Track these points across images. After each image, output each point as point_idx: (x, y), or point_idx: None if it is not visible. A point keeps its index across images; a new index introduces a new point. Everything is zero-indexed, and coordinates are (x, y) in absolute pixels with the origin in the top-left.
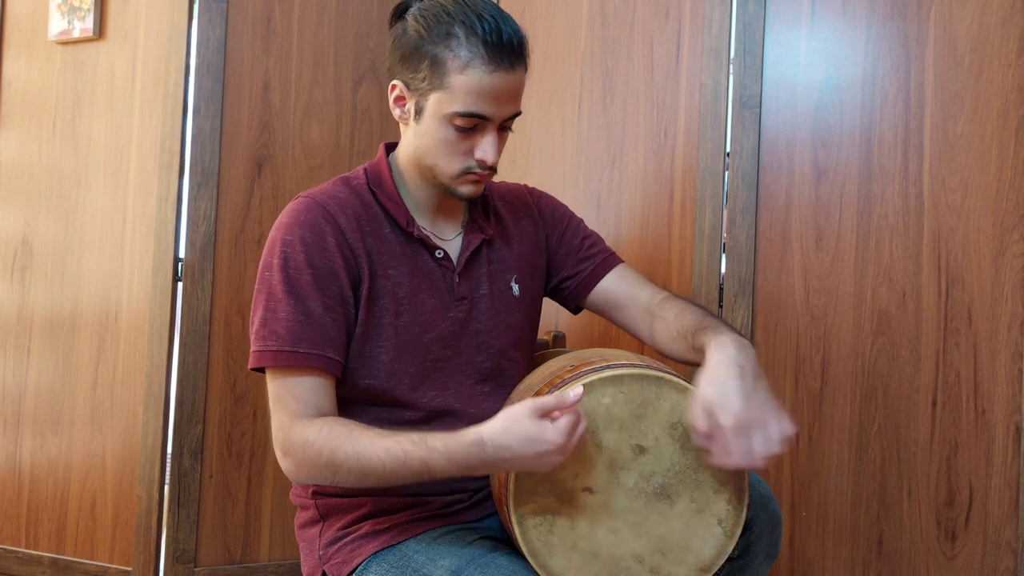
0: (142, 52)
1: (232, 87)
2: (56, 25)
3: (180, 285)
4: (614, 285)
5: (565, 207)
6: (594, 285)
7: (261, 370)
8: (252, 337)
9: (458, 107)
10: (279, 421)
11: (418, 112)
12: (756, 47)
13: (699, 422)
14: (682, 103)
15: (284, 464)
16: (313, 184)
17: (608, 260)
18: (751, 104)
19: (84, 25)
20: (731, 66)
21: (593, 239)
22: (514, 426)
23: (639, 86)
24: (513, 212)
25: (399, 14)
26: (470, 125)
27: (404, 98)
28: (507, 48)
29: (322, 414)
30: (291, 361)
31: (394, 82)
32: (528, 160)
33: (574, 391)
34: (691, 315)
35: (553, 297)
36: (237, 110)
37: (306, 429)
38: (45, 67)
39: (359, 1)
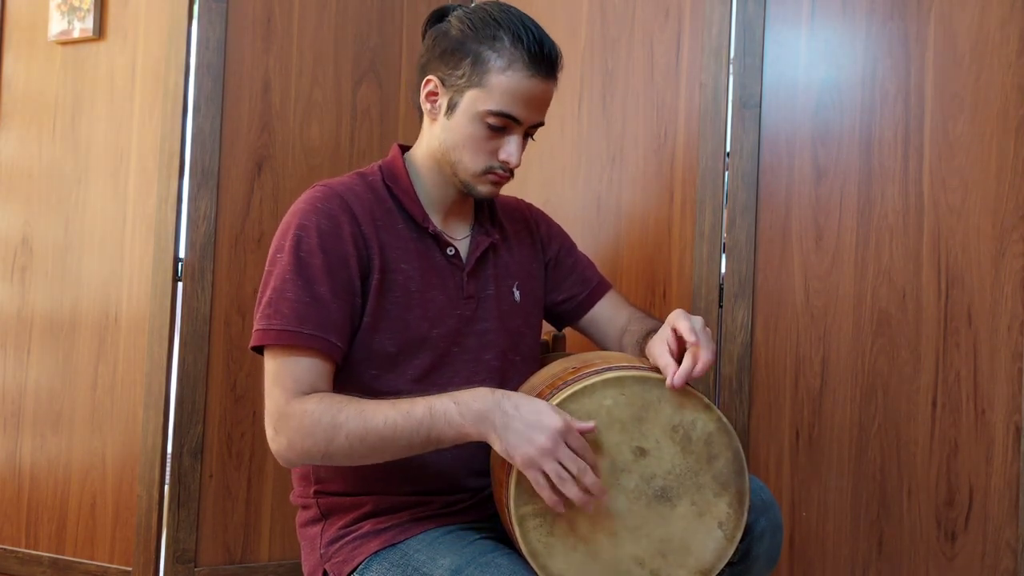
0: (142, 52)
1: (232, 87)
2: (56, 25)
3: (180, 285)
4: (602, 310)
5: (559, 226)
6: (588, 310)
7: (260, 351)
8: (257, 316)
9: (493, 106)
10: (274, 399)
11: (451, 108)
12: (756, 47)
13: (686, 331)
14: (682, 103)
15: (276, 444)
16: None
17: (600, 285)
18: (751, 104)
19: (84, 25)
20: (731, 66)
21: (586, 263)
22: (532, 398)
23: (639, 86)
24: (513, 223)
25: (438, 17)
26: (501, 125)
27: (437, 93)
28: (547, 59)
29: None
30: (294, 341)
31: (429, 77)
32: (528, 160)
33: (587, 424)
34: (647, 323)
35: (545, 314)
36: (237, 110)
37: (304, 402)
38: (45, 67)
39: (359, 1)
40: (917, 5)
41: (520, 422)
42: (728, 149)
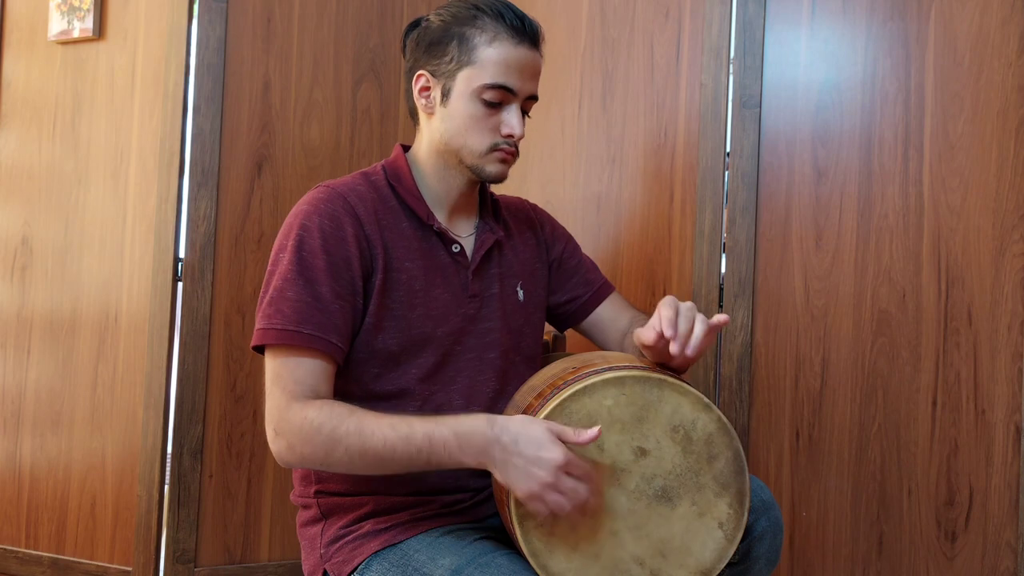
0: (142, 52)
1: (232, 87)
2: (56, 25)
3: (180, 285)
4: (605, 312)
5: (563, 227)
6: (591, 312)
7: (261, 350)
8: (258, 316)
9: (487, 79)
10: (275, 401)
11: (445, 95)
12: (756, 47)
13: (665, 324)
14: (682, 103)
15: (276, 445)
16: (313, 184)
17: (604, 288)
18: (751, 104)
19: (84, 25)
20: (731, 66)
21: (589, 265)
22: (529, 425)
23: (639, 86)
24: (517, 222)
25: (413, 27)
26: (497, 99)
27: (429, 87)
28: (529, 30)
29: (319, 398)
30: (295, 341)
31: (419, 72)
32: (528, 160)
33: (591, 431)
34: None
35: (547, 315)
36: (237, 110)
37: (305, 408)
38: (45, 67)
39: (359, 1)
40: (917, 5)
41: (520, 458)
42: (728, 149)
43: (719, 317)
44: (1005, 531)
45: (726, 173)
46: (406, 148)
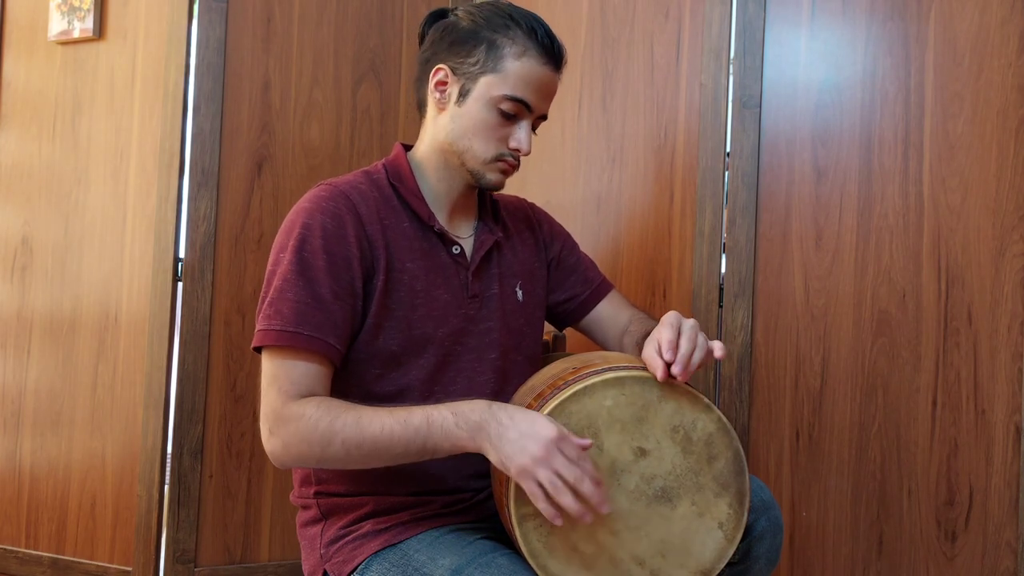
0: (142, 52)
1: (232, 87)
2: (56, 25)
3: (180, 285)
4: (604, 310)
5: (561, 226)
6: (590, 310)
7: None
8: (258, 317)
9: (508, 91)
10: (270, 401)
11: (462, 95)
12: (756, 47)
13: (664, 346)
14: (682, 103)
15: (270, 445)
16: (313, 184)
17: (602, 286)
18: (751, 104)
19: (84, 25)
20: (731, 66)
21: (588, 263)
22: (527, 410)
23: (639, 86)
24: (516, 222)
25: (439, 16)
26: (513, 112)
27: (447, 82)
28: (557, 52)
29: None
30: (293, 342)
31: (439, 66)
32: (528, 160)
33: (582, 441)
34: (648, 324)
35: (547, 314)
36: (237, 110)
37: (302, 405)
38: (45, 67)
39: (359, 1)
40: (917, 5)
41: (514, 431)
42: (728, 149)
43: (717, 350)
44: (1005, 531)
45: (726, 173)
46: (407, 147)
